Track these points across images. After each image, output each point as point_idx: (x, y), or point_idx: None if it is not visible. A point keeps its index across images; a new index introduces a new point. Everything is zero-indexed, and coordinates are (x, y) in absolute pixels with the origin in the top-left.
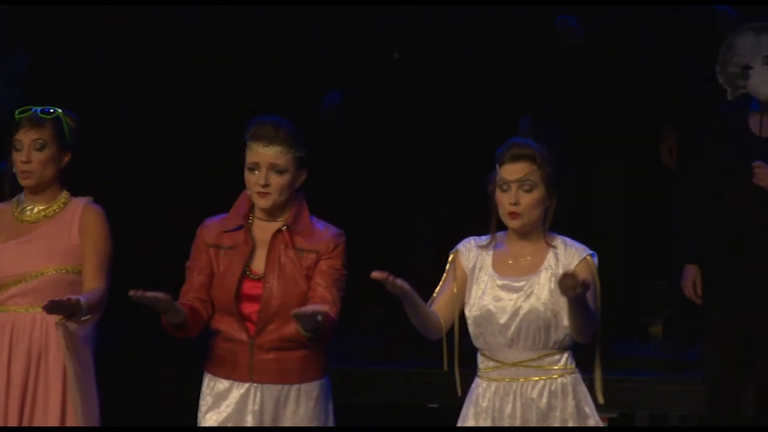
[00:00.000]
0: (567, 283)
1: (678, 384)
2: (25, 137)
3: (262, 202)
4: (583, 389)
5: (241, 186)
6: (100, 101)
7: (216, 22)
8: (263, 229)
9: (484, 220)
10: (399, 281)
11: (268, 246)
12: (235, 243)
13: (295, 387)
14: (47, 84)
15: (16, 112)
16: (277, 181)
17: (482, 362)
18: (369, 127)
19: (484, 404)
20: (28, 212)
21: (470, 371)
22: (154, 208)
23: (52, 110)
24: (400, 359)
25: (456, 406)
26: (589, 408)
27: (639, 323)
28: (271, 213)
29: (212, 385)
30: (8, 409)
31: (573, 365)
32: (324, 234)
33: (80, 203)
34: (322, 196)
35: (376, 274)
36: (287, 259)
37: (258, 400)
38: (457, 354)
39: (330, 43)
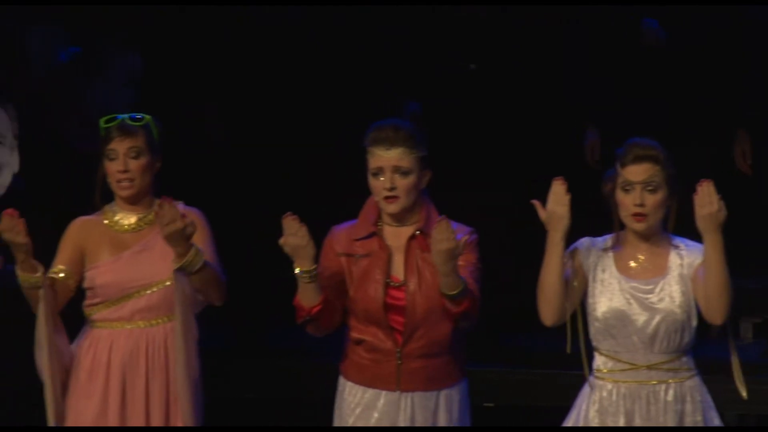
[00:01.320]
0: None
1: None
2: (120, 146)
3: (390, 208)
4: (706, 390)
5: (360, 192)
6: (210, 103)
7: (319, 27)
8: (395, 235)
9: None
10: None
11: (405, 252)
12: (370, 251)
13: (443, 393)
14: (158, 87)
15: (102, 121)
16: (403, 183)
17: (606, 363)
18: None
19: (613, 406)
20: (126, 222)
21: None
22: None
23: (140, 116)
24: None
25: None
26: (713, 410)
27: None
28: (400, 217)
29: (355, 393)
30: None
31: (695, 367)
32: (456, 233)
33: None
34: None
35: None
36: (425, 264)
37: (409, 409)
38: (584, 349)
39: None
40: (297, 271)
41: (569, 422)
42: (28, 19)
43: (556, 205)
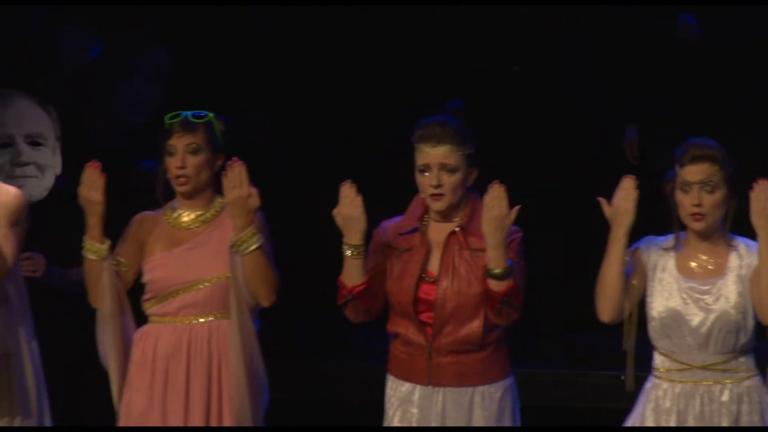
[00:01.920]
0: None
1: None
2: (179, 142)
3: (436, 205)
4: (767, 391)
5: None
6: (252, 102)
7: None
8: (438, 231)
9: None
10: None
11: (443, 248)
12: (411, 245)
13: (478, 389)
14: (187, 84)
15: (166, 117)
16: (449, 180)
17: (663, 363)
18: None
19: (667, 405)
20: (185, 219)
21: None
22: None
23: (203, 114)
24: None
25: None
26: None
27: None
28: (446, 214)
29: (395, 387)
30: (189, 422)
31: (755, 368)
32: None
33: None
34: None
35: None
36: (461, 261)
37: (440, 404)
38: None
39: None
40: (345, 246)
41: (630, 422)
42: (58, 18)
43: (623, 200)
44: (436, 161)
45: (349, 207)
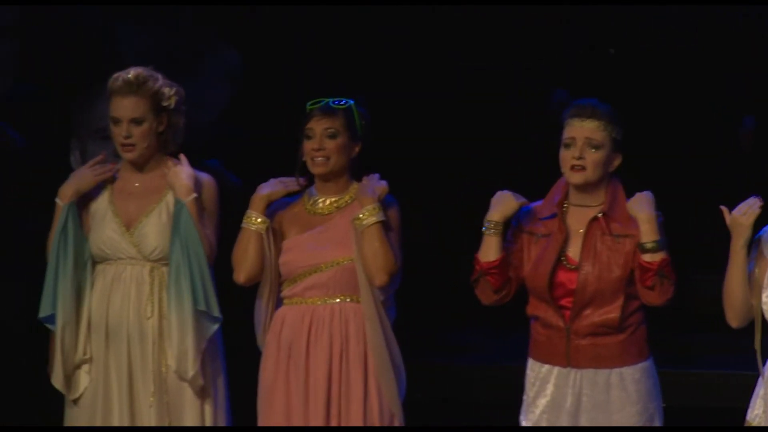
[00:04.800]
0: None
1: None
2: (317, 126)
3: (575, 177)
4: None
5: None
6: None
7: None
8: (578, 217)
9: None
10: None
11: (585, 234)
12: (549, 231)
13: (615, 371)
14: (258, 82)
15: (308, 103)
16: (592, 156)
17: None
18: None
19: None
20: (320, 204)
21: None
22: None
23: (343, 101)
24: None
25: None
26: None
27: None
28: (585, 196)
29: (536, 369)
30: (310, 406)
31: None
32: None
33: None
34: None
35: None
36: (603, 246)
37: (577, 383)
38: (758, 342)
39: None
40: (485, 221)
41: (751, 406)
42: (122, 16)
43: (742, 215)
44: (582, 135)
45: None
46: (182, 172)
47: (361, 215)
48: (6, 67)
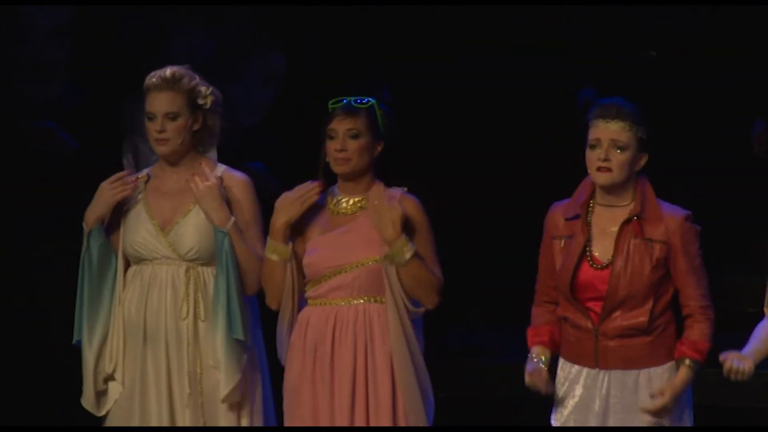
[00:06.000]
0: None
1: None
2: (340, 126)
3: (601, 178)
4: None
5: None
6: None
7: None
8: (606, 217)
9: None
10: None
11: (617, 236)
12: (572, 232)
13: (644, 372)
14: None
15: (330, 102)
16: (618, 157)
17: None
18: None
19: None
20: (344, 204)
21: None
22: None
23: (365, 100)
24: None
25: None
26: None
27: None
28: (611, 197)
29: (567, 369)
30: (335, 405)
31: None
32: (672, 220)
33: (395, 194)
34: None
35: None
36: (635, 249)
37: (605, 384)
38: None
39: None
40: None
41: None
42: (172, 18)
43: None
44: (608, 136)
45: None
46: (206, 194)
47: (393, 254)
48: (58, 69)
